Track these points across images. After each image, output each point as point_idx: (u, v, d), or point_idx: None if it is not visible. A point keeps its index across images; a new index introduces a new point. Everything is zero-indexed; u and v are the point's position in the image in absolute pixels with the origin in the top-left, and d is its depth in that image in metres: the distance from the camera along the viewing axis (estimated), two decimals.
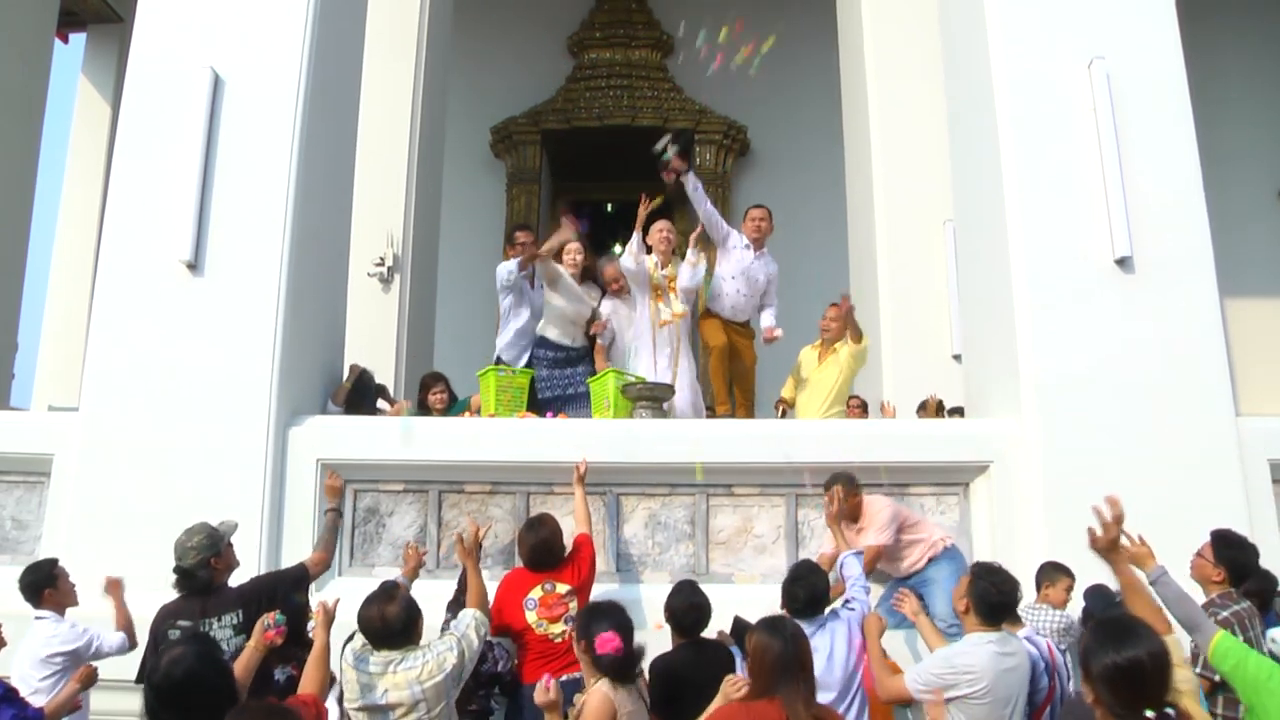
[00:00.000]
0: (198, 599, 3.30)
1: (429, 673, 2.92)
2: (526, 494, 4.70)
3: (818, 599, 3.45)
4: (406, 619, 2.98)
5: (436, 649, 3.01)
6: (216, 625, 3.24)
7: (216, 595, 3.33)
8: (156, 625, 3.28)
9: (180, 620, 3.24)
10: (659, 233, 5.97)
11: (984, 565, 3.32)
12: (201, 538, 3.36)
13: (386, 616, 2.95)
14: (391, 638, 2.95)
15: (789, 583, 3.50)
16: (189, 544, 3.33)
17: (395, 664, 2.93)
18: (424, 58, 7.92)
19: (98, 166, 9.27)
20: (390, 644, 2.95)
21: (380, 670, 2.91)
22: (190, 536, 3.36)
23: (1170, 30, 4.83)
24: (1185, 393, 4.43)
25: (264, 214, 4.74)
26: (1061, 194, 4.65)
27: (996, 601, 3.11)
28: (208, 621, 3.24)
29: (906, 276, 7.06)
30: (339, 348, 5.55)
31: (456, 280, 9.43)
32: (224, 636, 3.21)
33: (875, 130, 7.30)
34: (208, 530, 3.41)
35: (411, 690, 2.88)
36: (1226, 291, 4.82)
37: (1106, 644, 2.00)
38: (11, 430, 4.89)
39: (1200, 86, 5.09)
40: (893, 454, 4.63)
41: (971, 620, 3.14)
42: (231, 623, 3.26)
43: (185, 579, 3.31)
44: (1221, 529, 3.49)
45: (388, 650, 2.95)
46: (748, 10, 10.50)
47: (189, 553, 3.31)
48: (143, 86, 4.92)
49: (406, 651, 2.97)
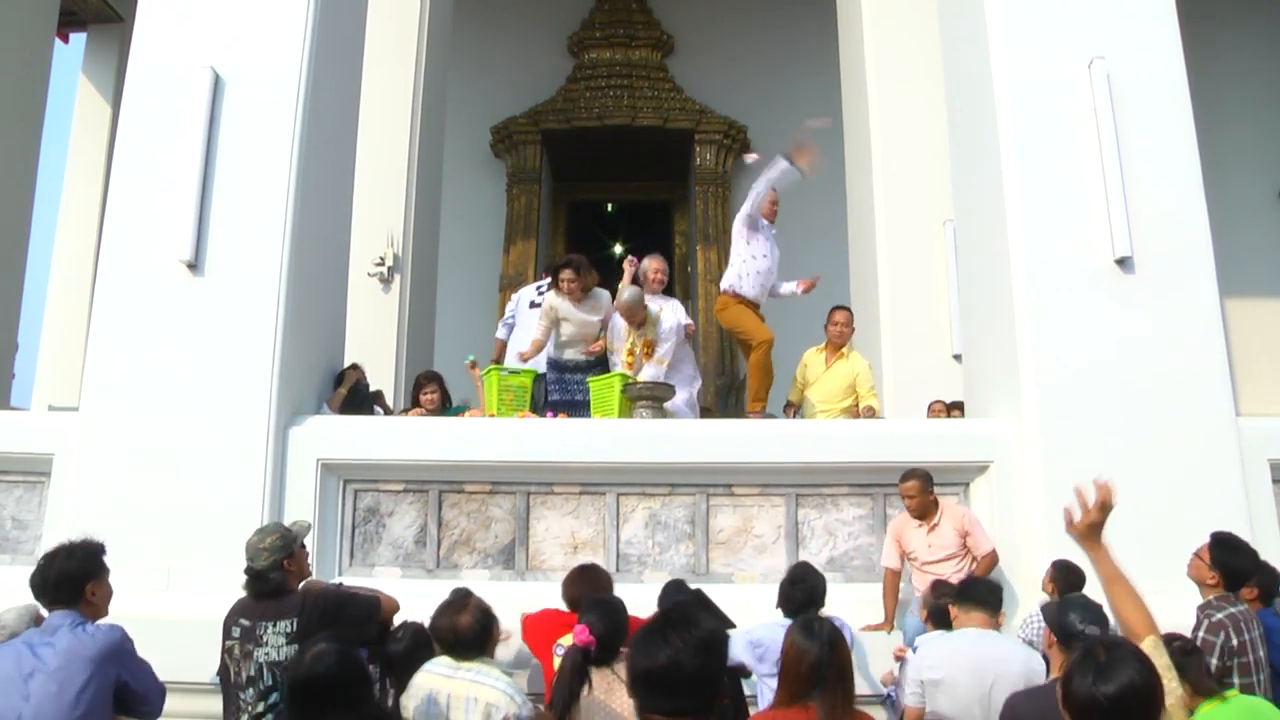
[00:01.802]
0: (262, 602, 3.09)
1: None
2: (527, 494, 4.70)
3: (815, 601, 3.45)
4: (480, 629, 2.85)
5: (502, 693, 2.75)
6: (271, 630, 3.03)
7: (279, 598, 3.10)
8: (226, 620, 3.14)
9: (242, 619, 3.08)
10: (653, 273, 5.97)
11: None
12: (275, 538, 3.14)
13: (458, 627, 2.81)
14: (465, 648, 2.82)
15: (787, 584, 3.51)
16: (261, 545, 3.11)
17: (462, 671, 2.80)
18: (424, 58, 7.92)
19: (98, 166, 9.27)
20: (462, 654, 2.83)
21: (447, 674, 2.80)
22: (263, 537, 3.14)
23: (1170, 30, 4.83)
24: (1185, 393, 4.43)
25: (264, 214, 4.75)
26: (1061, 194, 4.65)
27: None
28: (264, 624, 3.04)
29: (906, 276, 7.06)
30: (339, 348, 5.55)
31: (456, 280, 9.43)
32: (276, 644, 3.01)
33: (875, 130, 7.30)
34: (281, 530, 3.22)
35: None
36: (1226, 291, 4.82)
37: (1089, 672, 1.79)
38: (11, 430, 4.89)
39: (1200, 86, 5.09)
40: (893, 454, 4.64)
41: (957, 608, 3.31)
42: (285, 630, 3.03)
43: (257, 581, 3.09)
44: (1222, 532, 3.47)
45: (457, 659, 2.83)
46: (748, 10, 10.58)
47: (261, 554, 3.09)
48: (143, 86, 4.93)
49: (481, 663, 2.83)
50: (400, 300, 7.68)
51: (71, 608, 2.70)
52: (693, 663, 1.67)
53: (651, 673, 1.68)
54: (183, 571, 4.27)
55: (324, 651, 2.36)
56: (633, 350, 5.75)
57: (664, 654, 1.67)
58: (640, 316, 5.75)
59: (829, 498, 4.70)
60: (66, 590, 2.71)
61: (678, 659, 1.66)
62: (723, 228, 9.83)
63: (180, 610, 4.05)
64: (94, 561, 2.78)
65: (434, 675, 2.81)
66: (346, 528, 4.68)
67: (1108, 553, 2.46)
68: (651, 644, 1.70)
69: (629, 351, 5.77)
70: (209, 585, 3.40)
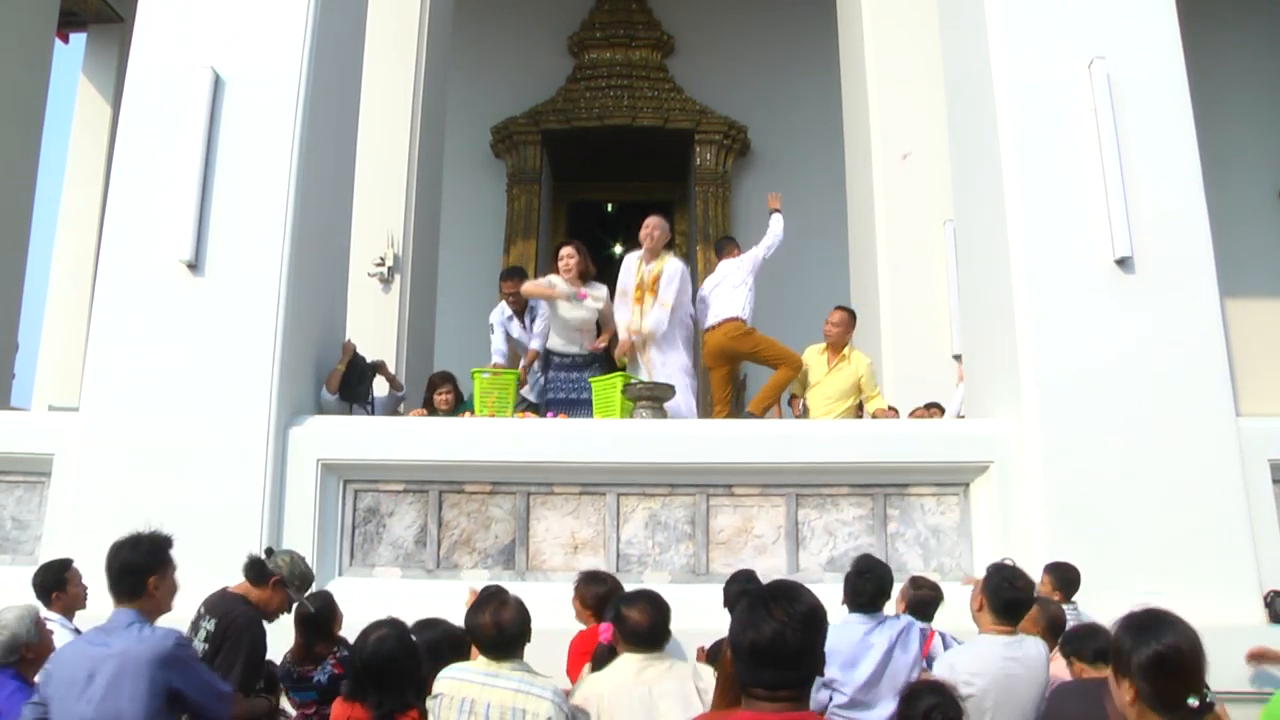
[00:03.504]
0: (226, 596, 3.22)
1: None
2: (527, 494, 4.70)
3: (883, 593, 3.34)
4: (523, 623, 2.72)
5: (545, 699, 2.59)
6: (205, 622, 3.16)
7: (222, 599, 3.22)
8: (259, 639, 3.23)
9: (201, 607, 3.21)
10: (645, 228, 5.99)
11: (998, 564, 3.20)
12: (307, 572, 3.34)
13: (501, 622, 2.67)
14: (507, 646, 2.68)
15: (854, 576, 3.36)
16: (301, 569, 3.31)
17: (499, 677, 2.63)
18: (424, 58, 7.92)
19: (98, 167, 9.27)
20: (502, 653, 2.68)
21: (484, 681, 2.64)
22: (303, 564, 3.34)
23: (1170, 30, 4.83)
24: (1185, 393, 4.43)
25: (264, 214, 4.75)
26: (1061, 194, 4.65)
27: (1010, 598, 3.01)
28: (208, 617, 3.17)
29: (906, 276, 7.06)
30: (339, 348, 5.55)
31: (456, 280, 9.43)
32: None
33: (875, 130, 7.30)
34: (309, 576, 3.39)
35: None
36: (1226, 291, 4.82)
37: (1143, 635, 1.92)
38: (11, 430, 4.89)
39: (1200, 86, 5.09)
40: (892, 454, 4.64)
41: (985, 619, 3.06)
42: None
43: (256, 572, 3.24)
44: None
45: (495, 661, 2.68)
46: (748, 10, 10.57)
47: (297, 579, 3.28)
48: (143, 86, 4.93)
49: (521, 667, 2.67)
50: (400, 300, 7.68)
51: (133, 602, 2.64)
52: (796, 637, 1.69)
53: (757, 646, 1.70)
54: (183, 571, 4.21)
55: (385, 636, 2.75)
56: (641, 285, 5.82)
57: (769, 627, 1.70)
58: (660, 243, 5.89)
59: (829, 498, 4.70)
60: (129, 583, 2.65)
61: (782, 632, 1.69)
62: (723, 228, 9.84)
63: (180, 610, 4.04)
64: (160, 554, 2.73)
65: (467, 682, 2.61)
66: (346, 528, 4.68)
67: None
68: (757, 617, 1.72)
69: (638, 286, 5.84)
70: (209, 585, 3.39)
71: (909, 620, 3.40)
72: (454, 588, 4.22)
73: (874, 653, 3.19)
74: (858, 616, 3.33)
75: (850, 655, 3.21)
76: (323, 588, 4.35)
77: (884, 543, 4.61)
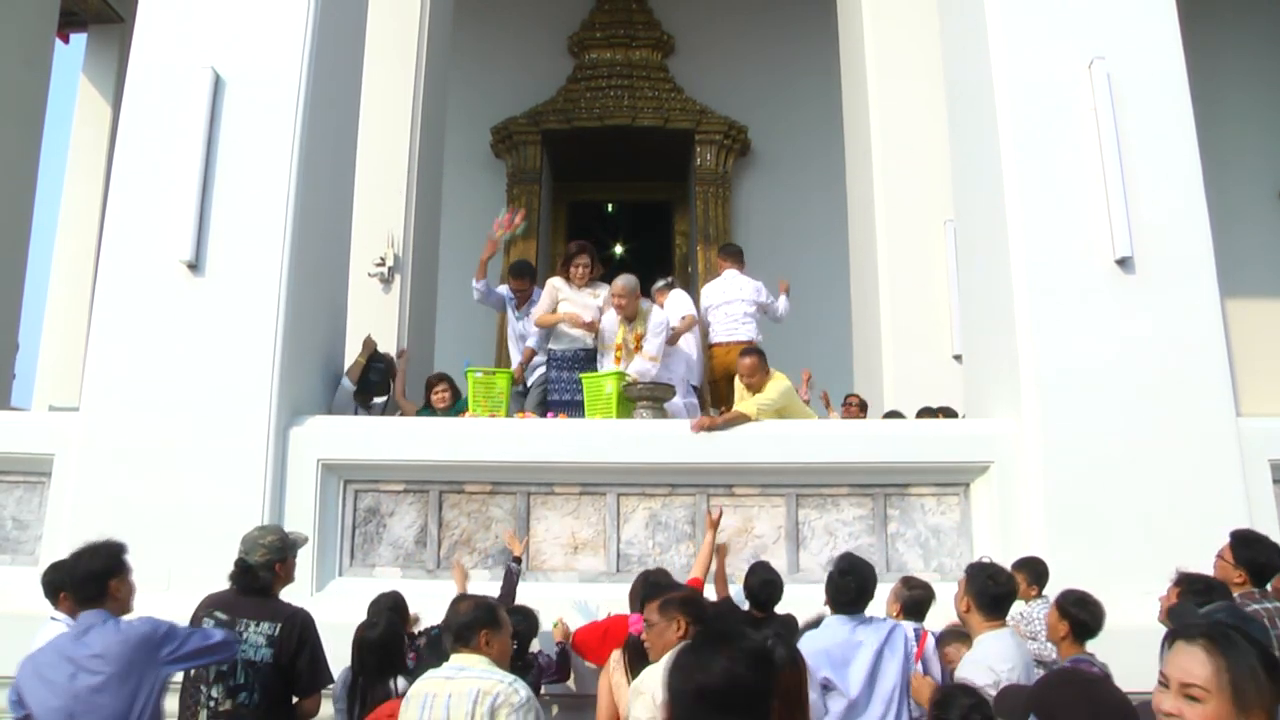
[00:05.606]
0: (245, 598, 3.19)
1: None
2: (527, 494, 4.70)
3: (866, 593, 3.33)
4: (471, 615, 2.83)
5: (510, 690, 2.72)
6: (253, 629, 3.11)
7: (263, 602, 3.21)
8: (198, 611, 3.22)
9: (218, 611, 3.16)
10: (614, 298, 5.69)
11: (977, 564, 3.28)
12: (275, 538, 3.28)
13: (456, 613, 2.83)
14: (460, 636, 2.79)
15: (837, 575, 3.34)
16: (261, 540, 3.25)
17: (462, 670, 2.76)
18: (424, 58, 7.91)
19: (98, 166, 9.28)
20: (460, 643, 2.80)
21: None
22: (264, 534, 3.29)
23: (1170, 30, 4.83)
24: (1186, 393, 4.43)
25: (264, 214, 4.75)
26: (1061, 194, 4.65)
27: (995, 593, 3.09)
28: (245, 622, 3.12)
29: (906, 276, 7.06)
30: (339, 348, 5.55)
31: (456, 280, 9.39)
32: (255, 644, 3.10)
33: (875, 130, 7.30)
34: (281, 534, 3.33)
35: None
36: (1226, 291, 4.82)
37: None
38: (11, 430, 4.89)
39: (1200, 86, 5.09)
40: (893, 454, 4.64)
41: (976, 619, 3.10)
42: (267, 632, 3.12)
43: (245, 575, 3.20)
44: (1241, 529, 3.47)
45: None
46: (748, 10, 10.58)
47: (258, 549, 3.22)
48: (143, 86, 4.92)
49: (486, 663, 2.78)
50: (400, 300, 7.67)
51: (98, 604, 2.84)
52: (748, 676, 1.52)
53: (705, 690, 1.50)
54: (183, 571, 4.24)
55: (379, 620, 3.31)
56: (622, 345, 5.74)
57: (718, 666, 1.51)
58: (632, 308, 5.70)
59: (829, 498, 4.70)
60: (92, 588, 2.85)
61: (734, 672, 1.51)
62: (723, 228, 9.85)
63: (180, 610, 4.03)
64: (116, 559, 2.93)
65: (432, 679, 2.76)
66: (347, 528, 4.67)
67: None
68: (702, 658, 1.54)
69: (619, 346, 5.74)
70: (209, 585, 3.39)
71: (895, 623, 3.40)
72: (454, 588, 4.22)
73: (865, 650, 3.20)
74: (841, 617, 3.33)
75: (842, 655, 3.22)
76: (323, 587, 4.36)
77: (884, 543, 4.61)
